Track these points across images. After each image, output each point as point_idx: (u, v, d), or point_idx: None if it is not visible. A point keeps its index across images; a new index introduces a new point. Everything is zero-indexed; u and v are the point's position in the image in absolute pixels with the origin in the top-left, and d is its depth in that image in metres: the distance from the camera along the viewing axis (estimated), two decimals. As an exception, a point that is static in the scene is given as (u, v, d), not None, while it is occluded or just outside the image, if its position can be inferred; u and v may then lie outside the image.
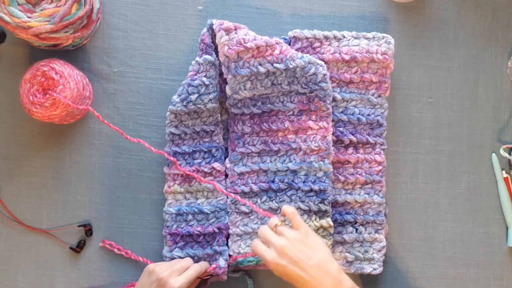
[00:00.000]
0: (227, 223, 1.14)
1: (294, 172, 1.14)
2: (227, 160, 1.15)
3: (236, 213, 1.14)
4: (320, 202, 1.13)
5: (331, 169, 1.13)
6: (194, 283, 1.11)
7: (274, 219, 1.03)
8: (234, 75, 1.13)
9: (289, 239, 0.99)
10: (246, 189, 1.14)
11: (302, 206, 1.13)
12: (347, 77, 1.15)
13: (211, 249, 1.14)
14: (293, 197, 1.13)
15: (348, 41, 1.15)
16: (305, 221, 1.13)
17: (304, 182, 1.13)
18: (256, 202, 1.14)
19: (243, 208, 1.14)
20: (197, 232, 1.14)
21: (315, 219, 1.13)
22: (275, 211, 1.14)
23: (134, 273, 1.15)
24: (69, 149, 1.17)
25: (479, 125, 1.20)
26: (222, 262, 1.13)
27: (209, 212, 1.14)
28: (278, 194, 1.14)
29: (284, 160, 1.14)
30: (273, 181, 1.14)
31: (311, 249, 0.99)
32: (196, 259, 1.14)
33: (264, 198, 1.14)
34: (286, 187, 1.14)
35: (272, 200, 1.14)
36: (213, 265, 1.12)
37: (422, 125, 1.19)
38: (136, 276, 1.13)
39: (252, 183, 1.14)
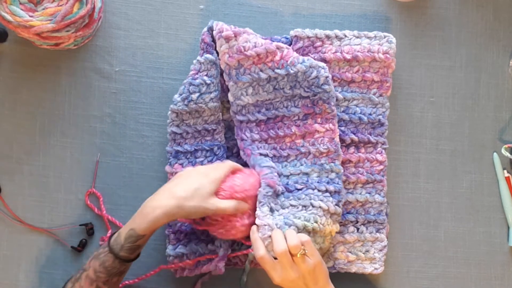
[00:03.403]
0: None
1: (307, 174, 1.13)
2: (251, 165, 1.13)
3: (260, 210, 1.09)
4: (336, 204, 1.12)
5: (342, 170, 1.13)
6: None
7: (297, 247, 1.03)
8: (235, 81, 1.13)
9: (302, 272, 1.03)
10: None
11: (322, 205, 1.11)
12: (348, 76, 1.15)
13: (213, 244, 1.14)
14: (311, 196, 1.11)
15: (350, 40, 1.15)
16: (322, 221, 1.11)
17: (318, 182, 1.12)
18: (277, 201, 1.11)
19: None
20: (199, 230, 1.14)
21: (329, 224, 1.11)
22: (296, 208, 1.11)
23: (135, 272, 1.15)
24: (71, 148, 1.17)
25: (481, 124, 1.20)
26: (221, 251, 1.12)
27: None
28: (294, 194, 1.12)
29: (295, 164, 1.14)
30: (287, 184, 1.13)
31: (316, 279, 1.04)
32: (198, 255, 1.13)
33: (282, 198, 1.12)
34: (302, 186, 1.13)
35: (290, 199, 1.11)
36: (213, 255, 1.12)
37: (423, 124, 1.20)
38: (137, 275, 1.13)
39: None
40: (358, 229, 1.16)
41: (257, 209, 1.08)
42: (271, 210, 1.10)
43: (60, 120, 1.17)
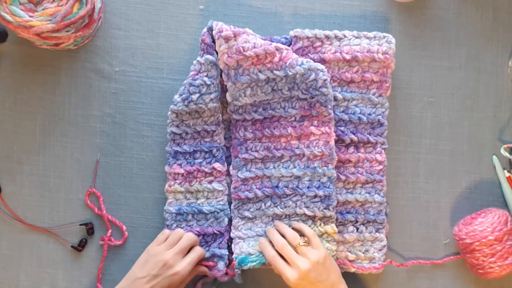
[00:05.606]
0: (228, 225, 1.14)
1: (298, 177, 1.14)
2: (231, 166, 1.15)
3: (239, 218, 1.14)
4: (325, 208, 1.13)
5: (335, 175, 1.13)
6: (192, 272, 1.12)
7: (296, 237, 1.09)
8: (234, 82, 1.13)
9: (311, 262, 1.05)
10: (250, 195, 1.14)
11: (307, 211, 1.13)
12: (348, 77, 1.15)
13: (208, 251, 1.14)
14: (298, 203, 1.13)
15: (349, 41, 1.15)
16: (309, 226, 1.13)
17: (308, 187, 1.13)
18: (261, 207, 1.14)
19: (247, 214, 1.14)
20: (196, 233, 1.14)
21: (320, 225, 1.13)
22: (279, 216, 1.14)
23: (135, 272, 1.15)
24: (71, 148, 1.18)
25: (480, 124, 1.20)
26: (221, 265, 1.13)
27: (207, 212, 1.14)
28: (283, 199, 1.14)
29: (288, 166, 1.14)
30: (277, 187, 1.14)
31: (327, 271, 1.06)
32: None
33: (269, 203, 1.14)
34: (291, 192, 1.14)
35: (276, 206, 1.14)
36: (212, 263, 1.13)
37: (423, 124, 1.20)
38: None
39: (257, 188, 1.14)
40: (357, 228, 1.16)
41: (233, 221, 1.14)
42: (250, 218, 1.14)
43: (60, 120, 1.18)
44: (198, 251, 1.11)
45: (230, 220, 1.16)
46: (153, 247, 1.10)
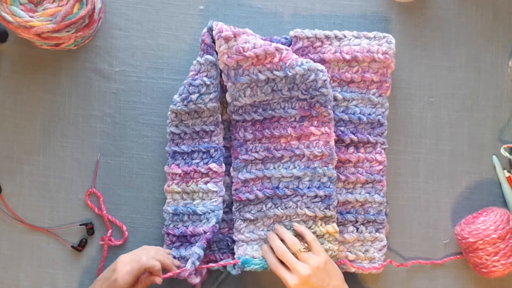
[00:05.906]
0: (213, 226, 1.13)
1: (299, 178, 1.14)
2: (231, 168, 1.15)
3: (241, 220, 1.14)
4: (326, 208, 1.13)
5: (335, 175, 1.13)
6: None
7: (296, 243, 1.09)
8: (233, 82, 1.13)
9: (312, 268, 1.06)
10: (251, 196, 1.14)
11: (308, 212, 1.13)
12: (348, 77, 1.15)
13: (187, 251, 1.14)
14: (298, 203, 1.13)
15: (349, 41, 1.15)
16: (310, 227, 1.13)
17: (308, 187, 1.13)
18: (262, 208, 1.14)
19: (248, 216, 1.14)
20: (189, 233, 1.14)
21: (321, 225, 1.13)
22: (280, 217, 1.14)
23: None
24: (71, 148, 1.18)
25: (480, 124, 1.20)
26: (189, 264, 1.10)
27: (201, 213, 1.14)
28: (283, 200, 1.14)
29: (289, 166, 1.14)
30: (277, 187, 1.14)
31: (329, 276, 1.07)
32: (186, 260, 1.12)
33: (269, 204, 1.14)
34: (291, 193, 1.14)
35: (277, 207, 1.14)
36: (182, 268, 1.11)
37: (423, 124, 1.20)
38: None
39: (257, 190, 1.14)
40: (357, 228, 1.16)
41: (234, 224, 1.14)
42: (252, 220, 1.14)
43: (60, 120, 1.18)
44: (139, 263, 1.06)
45: (218, 221, 1.13)
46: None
